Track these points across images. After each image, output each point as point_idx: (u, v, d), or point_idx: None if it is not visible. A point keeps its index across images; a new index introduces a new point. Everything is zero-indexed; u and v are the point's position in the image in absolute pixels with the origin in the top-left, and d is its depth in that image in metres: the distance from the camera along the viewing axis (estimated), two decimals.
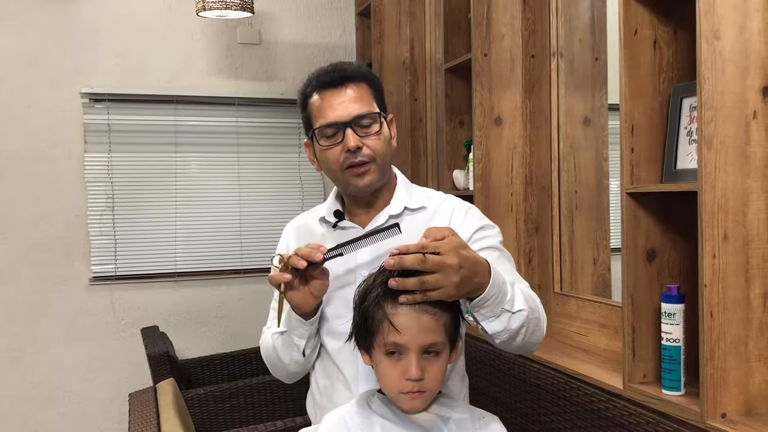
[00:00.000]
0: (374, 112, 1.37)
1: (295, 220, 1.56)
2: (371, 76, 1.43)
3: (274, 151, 3.56)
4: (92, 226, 3.30)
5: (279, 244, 1.55)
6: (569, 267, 2.29)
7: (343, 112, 1.34)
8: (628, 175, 1.57)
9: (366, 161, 1.35)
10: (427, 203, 1.43)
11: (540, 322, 1.26)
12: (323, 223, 1.46)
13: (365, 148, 1.34)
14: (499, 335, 1.18)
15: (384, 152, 1.38)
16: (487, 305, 1.13)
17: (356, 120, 1.34)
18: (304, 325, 1.33)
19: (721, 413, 1.36)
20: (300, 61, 3.60)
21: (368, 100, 1.38)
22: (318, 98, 1.37)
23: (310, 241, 1.40)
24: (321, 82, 1.38)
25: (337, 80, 1.36)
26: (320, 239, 1.41)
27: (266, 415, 2.62)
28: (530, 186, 2.39)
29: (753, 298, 1.38)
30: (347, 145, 1.33)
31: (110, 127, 3.31)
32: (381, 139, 1.37)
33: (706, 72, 1.35)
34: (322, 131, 1.36)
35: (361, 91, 1.37)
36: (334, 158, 1.36)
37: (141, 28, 3.35)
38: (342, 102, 1.35)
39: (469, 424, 1.16)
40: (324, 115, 1.35)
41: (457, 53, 2.57)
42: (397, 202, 1.42)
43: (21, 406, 3.21)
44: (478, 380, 2.08)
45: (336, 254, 1.23)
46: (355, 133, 1.34)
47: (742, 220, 1.37)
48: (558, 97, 2.29)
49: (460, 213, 1.41)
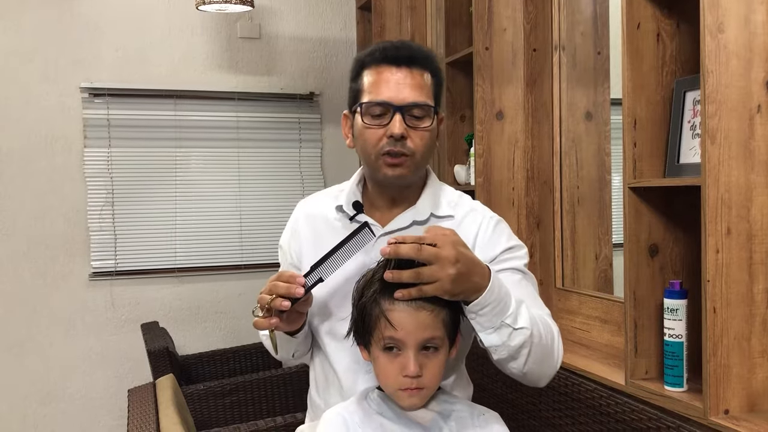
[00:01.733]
0: (430, 105, 1.28)
1: (309, 205, 1.45)
2: (438, 67, 1.33)
3: (275, 146, 3.54)
4: (92, 222, 3.29)
5: (288, 224, 1.45)
6: (571, 262, 2.27)
7: (398, 94, 1.25)
8: (631, 170, 1.56)
9: (405, 154, 1.26)
10: (454, 212, 1.35)
11: (552, 353, 1.19)
12: (340, 212, 1.36)
13: (409, 141, 1.25)
14: (497, 350, 1.12)
15: (426, 150, 1.29)
16: (484, 313, 1.08)
17: (410, 107, 1.25)
18: (291, 340, 1.30)
19: (724, 409, 1.35)
20: (300, 56, 3.58)
21: (428, 90, 1.28)
22: (376, 71, 1.27)
23: (321, 235, 1.36)
24: (385, 56, 1.27)
25: (404, 59, 1.27)
26: (332, 232, 1.34)
27: (266, 411, 2.61)
28: (532, 181, 2.38)
29: (756, 294, 1.37)
30: (392, 130, 1.24)
31: (110, 122, 3.30)
32: (428, 136, 1.28)
33: (710, 65, 1.33)
34: (369, 108, 1.26)
35: (424, 78, 1.28)
36: (373, 140, 1.26)
37: (141, 23, 3.34)
38: (400, 83, 1.25)
39: (468, 420, 1.15)
40: (377, 91, 1.26)
41: (458, 47, 2.55)
42: (423, 206, 1.34)
43: (21, 402, 3.21)
44: (479, 375, 2.07)
45: (316, 281, 1.15)
46: (404, 121, 1.25)
47: (746, 214, 1.36)
48: (560, 92, 2.28)
49: (487, 230, 1.32)
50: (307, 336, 1.36)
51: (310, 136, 3.55)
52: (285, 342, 1.31)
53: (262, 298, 1.16)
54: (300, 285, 1.13)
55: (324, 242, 1.30)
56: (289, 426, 1.95)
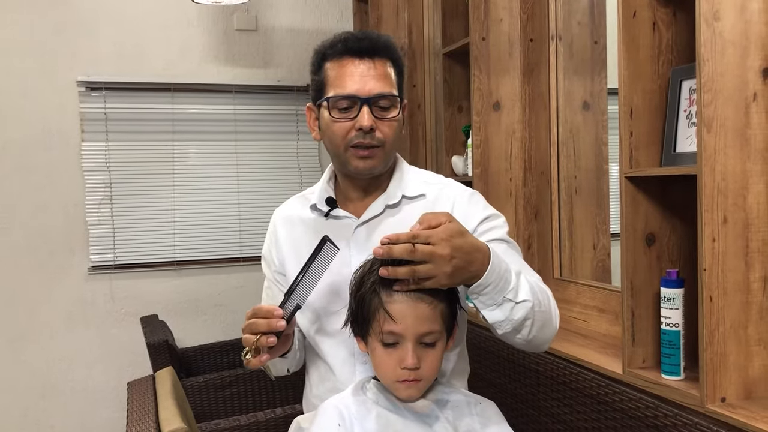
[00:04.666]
0: (396, 95, 1.28)
1: (284, 208, 1.46)
2: (399, 55, 1.32)
3: (272, 139, 3.53)
4: (90, 216, 3.29)
5: (267, 234, 1.47)
6: (569, 252, 2.28)
7: (364, 86, 1.24)
8: (627, 159, 1.56)
9: (375, 145, 1.26)
10: (425, 190, 1.35)
11: (551, 318, 1.19)
12: (314, 211, 1.37)
13: (378, 132, 1.26)
14: (501, 325, 1.11)
15: (394, 139, 1.29)
16: (486, 292, 1.07)
17: (376, 99, 1.25)
18: (284, 360, 1.30)
19: (721, 397, 1.35)
20: (297, 48, 3.57)
21: (391, 80, 1.28)
22: (338, 64, 1.27)
23: (299, 238, 1.37)
24: (347, 48, 1.27)
25: (366, 50, 1.26)
26: (310, 232, 1.35)
27: (265, 402, 2.62)
28: (529, 171, 2.38)
29: (753, 282, 1.37)
30: (361, 123, 1.24)
31: (107, 116, 3.30)
32: (395, 125, 1.28)
33: (706, 54, 1.33)
34: (336, 101, 1.26)
35: (387, 68, 1.28)
36: (341, 133, 1.27)
37: (137, 16, 3.33)
38: (365, 75, 1.25)
39: (465, 409, 1.16)
40: (342, 85, 1.25)
41: (455, 38, 2.54)
42: (394, 190, 1.34)
43: (21, 396, 3.22)
44: (478, 366, 2.08)
45: (294, 310, 1.13)
46: (372, 112, 1.25)
47: (742, 203, 1.36)
48: (557, 82, 2.27)
49: (462, 202, 1.33)
50: (299, 348, 1.36)
51: (308, 128, 3.52)
52: (278, 363, 1.32)
53: (246, 339, 1.12)
54: (279, 317, 1.11)
55: (303, 244, 1.32)
56: (289, 417, 1.95)
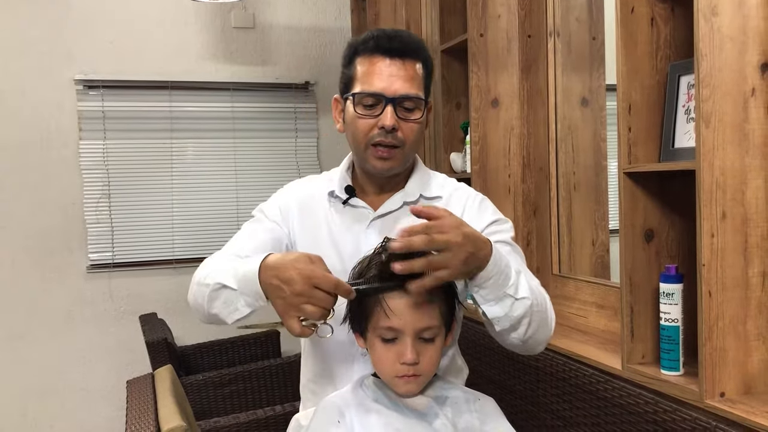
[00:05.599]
0: (421, 98, 1.30)
1: (302, 188, 1.47)
2: (430, 58, 1.34)
3: (271, 136, 3.53)
4: (89, 214, 3.29)
5: (276, 198, 1.48)
6: (567, 248, 2.28)
7: (391, 85, 1.26)
8: (626, 155, 1.56)
9: (396, 145, 1.28)
10: (442, 192, 1.40)
11: (547, 320, 1.20)
12: (332, 198, 1.40)
13: (400, 132, 1.27)
14: (500, 321, 1.11)
15: (415, 141, 1.31)
16: (488, 285, 1.08)
17: (401, 99, 1.27)
18: (264, 302, 1.14)
19: (720, 392, 1.35)
20: (295, 45, 3.57)
21: (419, 82, 1.30)
22: (369, 61, 1.28)
23: (314, 221, 1.38)
24: (378, 46, 1.28)
25: (397, 50, 1.27)
26: (324, 219, 1.37)
27: (265, 400, 2.62)
28: (528, 168, 2.38)
29: (752, 277, 1.37)
30: (384, 122, 1.26)
31: (105, 114, 3.29)
32: (417, 127, 1.30)
33: (704, 49, 1.33)
34: (361, 98, 1.28)
35: (415, 69, 1.29)
36: (364, 130, 1.29)
37: (134, 14, 3.32)
38: (393, 75, 1.26)
39: (464, 406, 1.15)
40: (370, 82, 1.27)
41: (453, 34, 2.54)
42: (412, 188, 1.38)
43: (21, 394, 3.21)
44: (477, 362, 2.08)
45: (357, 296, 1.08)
46: (396, 113, 1.26)
47: (741, 198, 1.36)
48: (555, 78, 2.27)
49: (472, 205, 1.37)
50: None
51: (306, 126, 3.54)
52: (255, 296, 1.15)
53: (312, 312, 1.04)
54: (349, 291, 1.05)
55: (315, 223, 1.37)
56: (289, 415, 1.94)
